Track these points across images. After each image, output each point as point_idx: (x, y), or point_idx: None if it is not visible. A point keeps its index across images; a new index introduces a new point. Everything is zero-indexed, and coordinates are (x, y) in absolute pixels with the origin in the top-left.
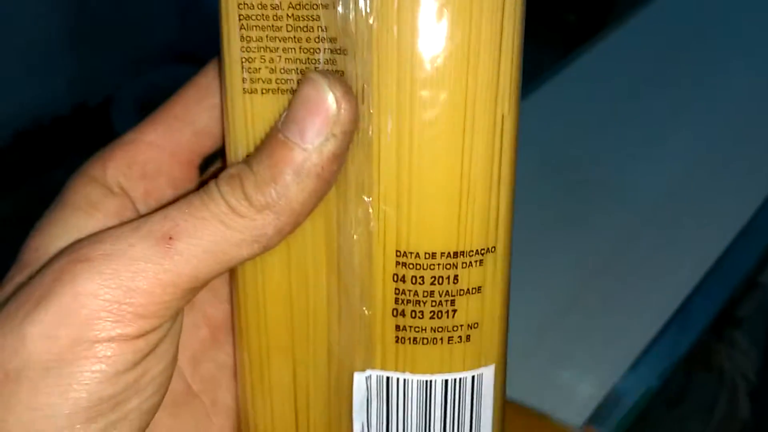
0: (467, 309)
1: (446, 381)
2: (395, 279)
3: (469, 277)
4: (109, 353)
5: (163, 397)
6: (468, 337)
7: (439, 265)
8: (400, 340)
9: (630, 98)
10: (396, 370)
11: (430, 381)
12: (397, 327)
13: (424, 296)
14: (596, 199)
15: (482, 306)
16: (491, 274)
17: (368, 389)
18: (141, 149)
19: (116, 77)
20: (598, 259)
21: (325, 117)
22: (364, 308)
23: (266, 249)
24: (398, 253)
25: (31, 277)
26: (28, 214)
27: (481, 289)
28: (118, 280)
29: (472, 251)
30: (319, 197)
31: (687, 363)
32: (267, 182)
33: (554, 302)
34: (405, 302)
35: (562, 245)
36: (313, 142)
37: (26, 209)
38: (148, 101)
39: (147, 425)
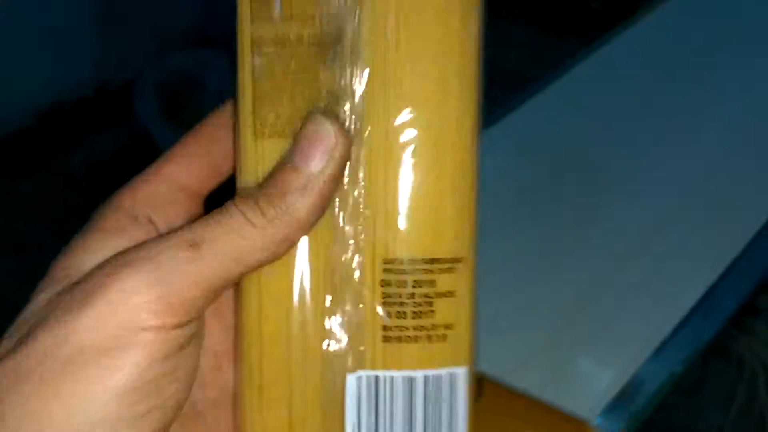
0: (443, 310)
1: (427, 377)
2: (383, 284)
3: (443, 282)
4: (151, 338)
5: (187, 396)
6: (444, 337)
7: (419, 270)
8: (386, 340)
9: (651, 91)
10: (383, 368)
11: (413, 377)
12: (384, 327)
13: (407, 298)
14: (621, 191)
15: (455, 308)
16: (461, 281)
17: (359, 390)
18: (160, 183)
19: (139, 60)
20: (622, 251)
21: (326, 147)
22: (357, 314)
23: (276, 256)
24: (386, 261)
25: (60, 293)
26: (51, 193)
27: (454, 293)
28: (154, 279)
29: (446, 259)
30: (320, 212)
31: (706, 353)
32: (278, 198)
33: (579, 292)
34: (391, 304)
35: (587, 237)
36: (316, 166)
37: (50, 189)
38: (169, 85)
39: (174, 420)
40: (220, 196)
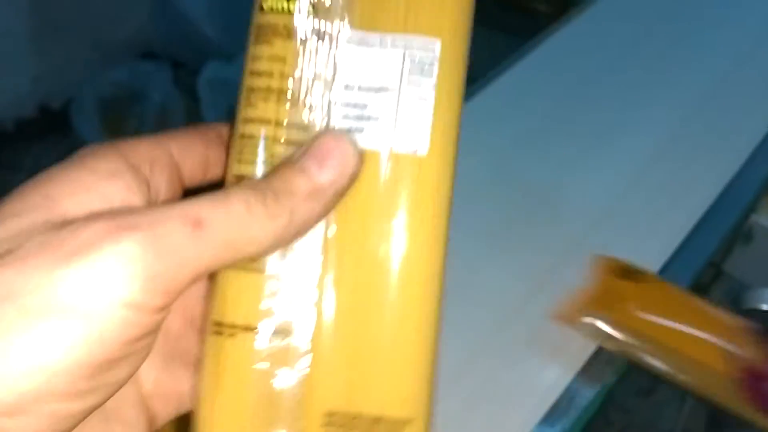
0: None
1: None
2: None
3: None
4: (129, 316)
5: (121, 386)
6: None
7: (362, 426)
8: None
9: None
10: None
11: None
12: None
13: None
14: (554, 184)
15: None
16: None
17: None
18: (159, 149)
19: (79, 74)
20: (556, 249)
21: (340, 162)
22: None
23: (266, 252)
24: (328, 414)
25: (42, 231)
26: None
27: None
28: (153, 253)
29: (392, 420)
30: (316, 221)
31: None
32: (285, 197)
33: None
34: None
35: (515, 245)
36: (326, 177)
37: None
38: (109, 99)
39: (109, 398)
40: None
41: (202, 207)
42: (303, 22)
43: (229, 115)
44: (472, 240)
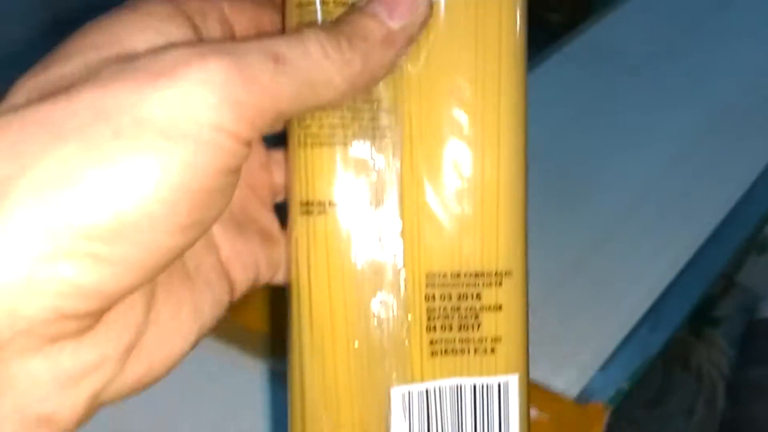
0: (490, 324)
1: (474, 386)
2: (427, 299)
3: (490, 296)
4: (220, 142)
5: (205, 233)
6: (492, 350)
7: (463, 284)
8: (434, 353)
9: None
10: (431, 379)
11: (461, 386)
12: (431, 341)
13: (452, 311)
14: (569, 196)
15: (503, 322)
16: (509, 294)
17: (409, 403)
18: (211, 5)
19: None
20: (569, 258)
21: (410, 6)
22: (403, 331)
23: (342, 100)
24: (428, 276)
25: (115, 57)
26: None
27: (502, 307)
28: (241, 79)
29: (491, 273)
30: (389, 69)
31: (666, 363)
32: (358, 42)
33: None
34: (436, 318)
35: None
36: (398, 23)
37: None
38: None
39: (176, 260)
40: None
41: (281, 44)
42: None
43: None
44: None
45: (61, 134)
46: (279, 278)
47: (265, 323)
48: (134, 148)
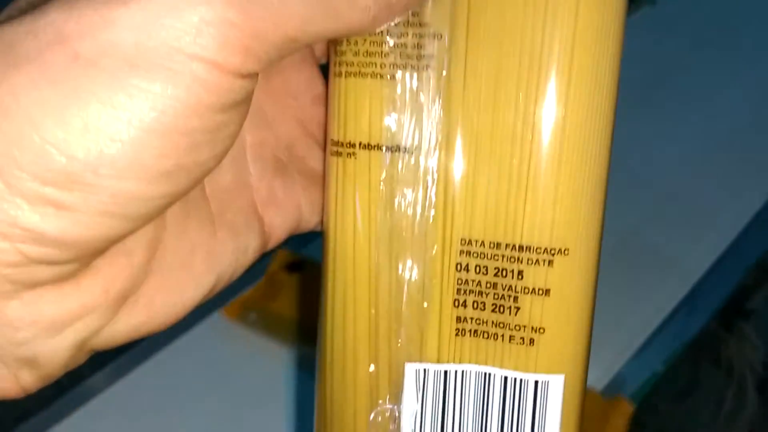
0: (531, 310)
1: (506, 378)
2: (458, 268)
3: (535, 277)
4: (207, 78)
5: (213, 169)
6: (531, 341)
7: (503, 256)
8: (460, 332)
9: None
10: (454, 361)
11: (489, 374)
12: (458, 318)
13: (486, 287)
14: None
15: (549, 310)
16: (561, 278)
17: (424, 381)
18: None
19: None
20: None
21: None
22: (424, 300)
23: (373, 25)
24: (462, 242)
25: None
26: None
27: (549, 292)
28: None
29: (540, 248)
30: (411, 7)
31: (695, 355)
32: None
33: None
34: (467, 292)
35: None
36: None
37: None
38: None
39: (187, 192)
40: None
41: None
42: None
43: None
44: None
45: (17, 61)
46: None
47: (294, 310)
48: (91, 78)
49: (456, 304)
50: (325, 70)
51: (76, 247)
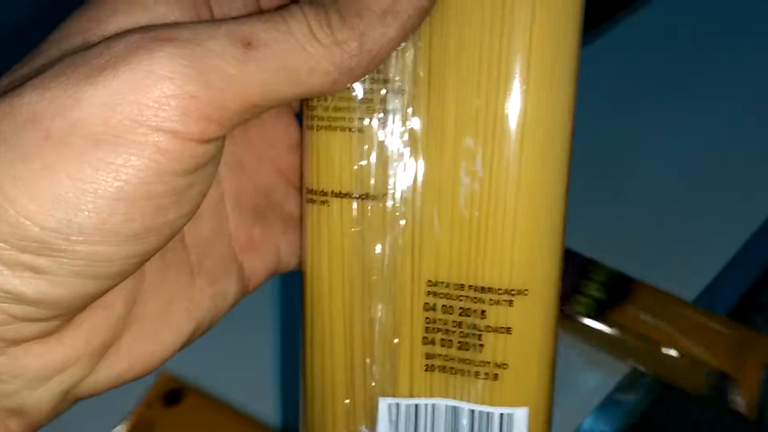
0: (494, 347)
1: (473, 411)
2: (426, 308)
3: (497, 316)
4: (168, 147)
5: (185, 225)
6: (495, 376)
7: (467, 297)
8: (429, 368)
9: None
10: (425, 395)
11: (457, 408)
12: (427, 355)
13: (453, 326)
14: (615, 183)
15: (511, 347)
16: (522, 317)
17: (397, 414)
18: None
19: None
20: (622, 243)
21: None
22: (395, 337)
23: (336, 87)
24: (429, 283)
25: (84, 48)
26: None
27: (511, 330)
28: (194, 70)
29: (500, 289)
30: (392, 48)
31: None
32: (352, 16)
33: None
34: (435, 330)
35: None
36: None
37: None
38: None
39: (161, 248)
40: None
41: (255, 26)
42: None
43: None
44: None
45: None
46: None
47: None
48: (60, 154)
49: (425, 341)
50: (301, 118)
51: (56, 306)
